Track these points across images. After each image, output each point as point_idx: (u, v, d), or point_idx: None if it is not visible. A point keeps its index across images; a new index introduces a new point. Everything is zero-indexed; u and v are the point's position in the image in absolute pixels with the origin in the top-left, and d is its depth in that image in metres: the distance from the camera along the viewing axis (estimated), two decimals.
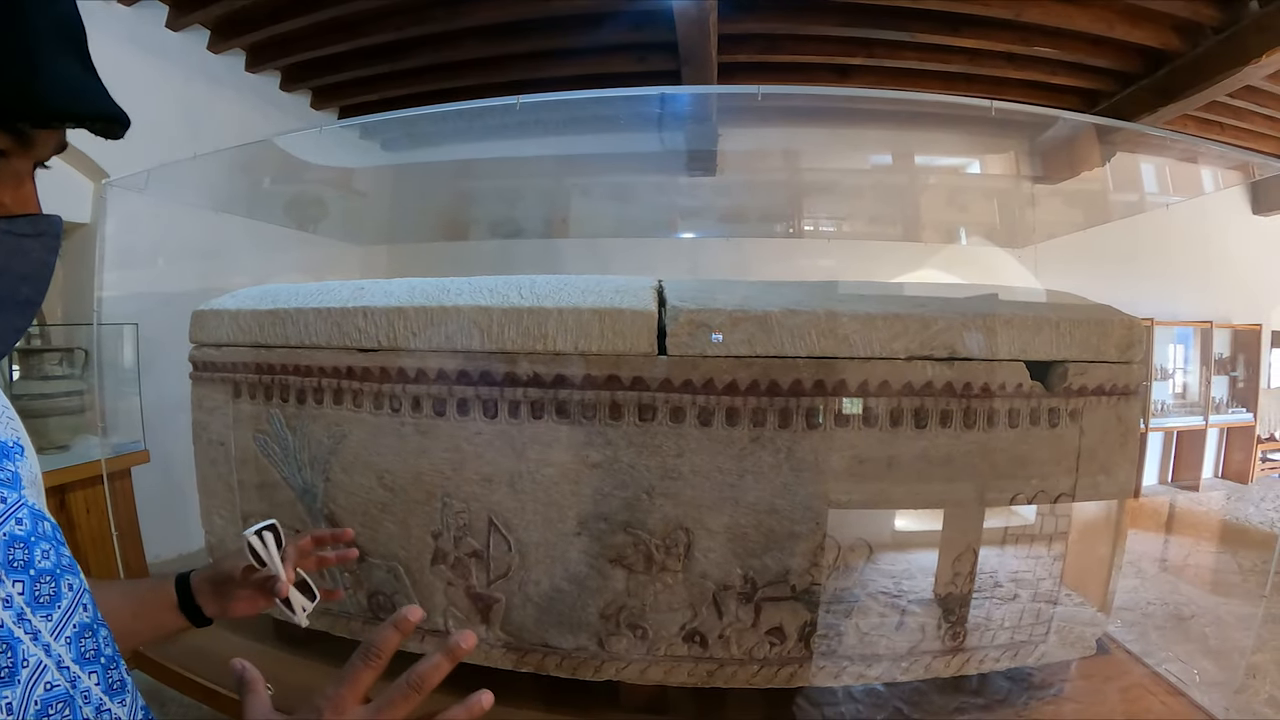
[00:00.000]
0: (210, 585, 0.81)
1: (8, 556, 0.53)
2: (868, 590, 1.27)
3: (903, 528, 1.42)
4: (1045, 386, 1.30)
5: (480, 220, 3.53)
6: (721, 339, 1.27)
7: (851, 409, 1.28)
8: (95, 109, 0.50)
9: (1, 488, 0.56)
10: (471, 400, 1.39)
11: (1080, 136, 2.12)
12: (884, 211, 3.24)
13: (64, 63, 0.49)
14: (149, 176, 2.20)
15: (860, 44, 3.51)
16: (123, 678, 0.59)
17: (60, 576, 0.57)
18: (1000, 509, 1.32)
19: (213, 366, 1.68)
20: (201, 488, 1.74)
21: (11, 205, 0.49)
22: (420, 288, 1.53)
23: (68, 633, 0.55)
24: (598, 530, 1.31)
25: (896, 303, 1.36)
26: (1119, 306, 1.44)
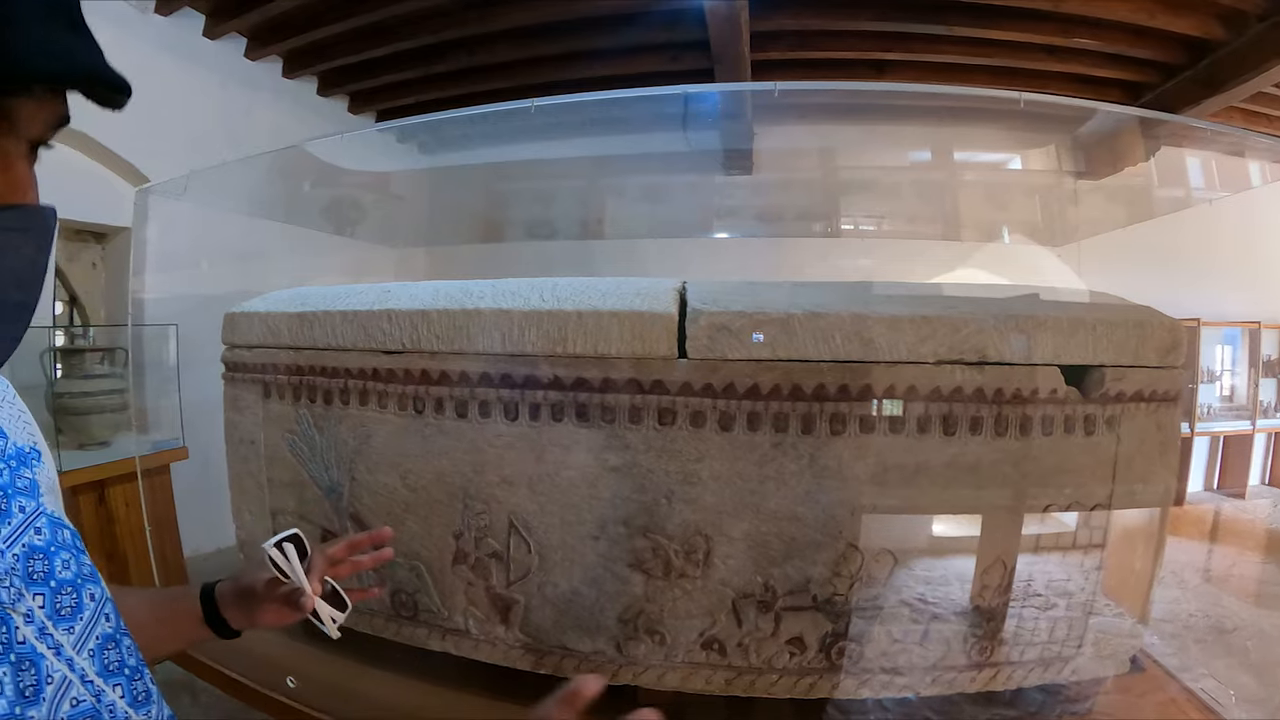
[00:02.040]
0: (235, 597, 0.79)
1: (28, 568, 0.51)
2: (892, 602, 1.23)
3: (930, 538, 1.37)
4: (1081, 392, 1.25)
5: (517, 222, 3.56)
6: (762, 339, 1.25)
7: (877, 414, 1.25)
8: (76, 68, 0.43)
9: (20, 496, 0.54)
10: (493, 402, 1.39)
11: (1123, 131, 2.04)
12: (922, 210, 3.18)
13: (40, 23, 0.42)
14: (188, 181, 2.26)
15: (897, 39, 3.44)
16: (148, 688, 0.58)
17: (81, 587, 0.55)
18: (1033, 519, 1.27)
19: (244, 367, 1.71)
20: (233, 485, 1.78)
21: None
22: (444, 290, 1.54)
23: (91, 645, 0.54)
24: (616, 534, 1.31)
25: (925, 304, 1.32)
26: (1163, 307, 1.38)
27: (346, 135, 2.22)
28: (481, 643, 1.44)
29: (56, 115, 0.46)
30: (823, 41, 3.51)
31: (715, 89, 1.91)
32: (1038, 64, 3.42)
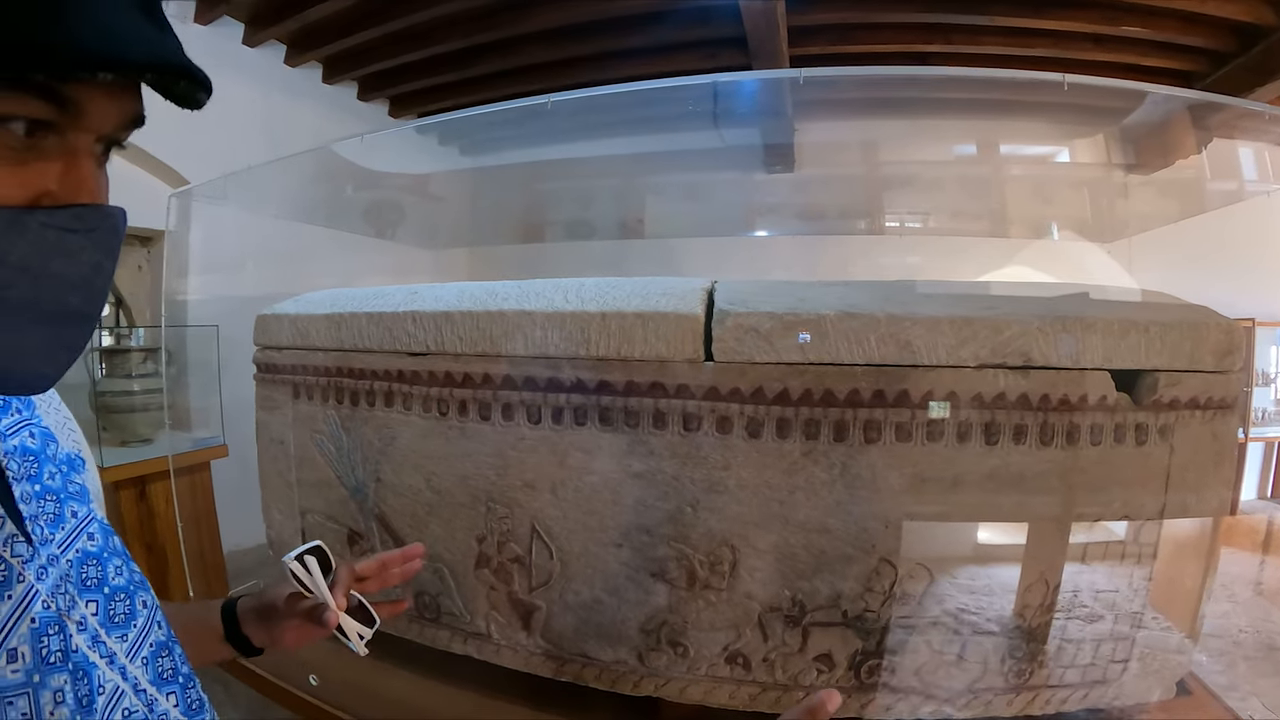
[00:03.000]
0: (256, 614, 0.74)
1: (81, 575, 0.50)
2: (926, 620, 1.17)
3: (968, 554, 1.31)
4: (1132, 399, 1.17)
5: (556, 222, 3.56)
6: (808, 338, 1.20)
7: (914, 421, 1.19)
8: (147, 55, 0.39)
9: (72, 501, 0.53)
10: (516, 405, 1.37)
11: (1173, 121, 1.92)
12: (968, 205, 3.07)
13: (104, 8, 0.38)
14: (226, 185, 2.31)
15: (938, 30, 3.34)
16: (200, 696, 0.57)
17: (134, 594, 0.54)
18: (1079, 534, 1.20)
19: (274, 368, 1.73)
20: (263, 483, 1.81)
21: (59, 192, 0.39)
22: (470, 292, 1.53)
23: (144, 652, 0.53)
24: (640, 542, 1.27)
25: (965, 304, 1.25)
26: (1217, 305, 1.28)
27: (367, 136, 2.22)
28: (503, 648, 1.42)
29: (130, 112, 0.43)
30: (862, 35, 3.43)
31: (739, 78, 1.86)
32: (1084, 54, 3.29)
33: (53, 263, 0.39)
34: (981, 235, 3.04)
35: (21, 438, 0.51)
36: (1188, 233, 2.49)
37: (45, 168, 0.39)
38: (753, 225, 3.43)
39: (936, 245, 3.16)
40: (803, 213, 3.36)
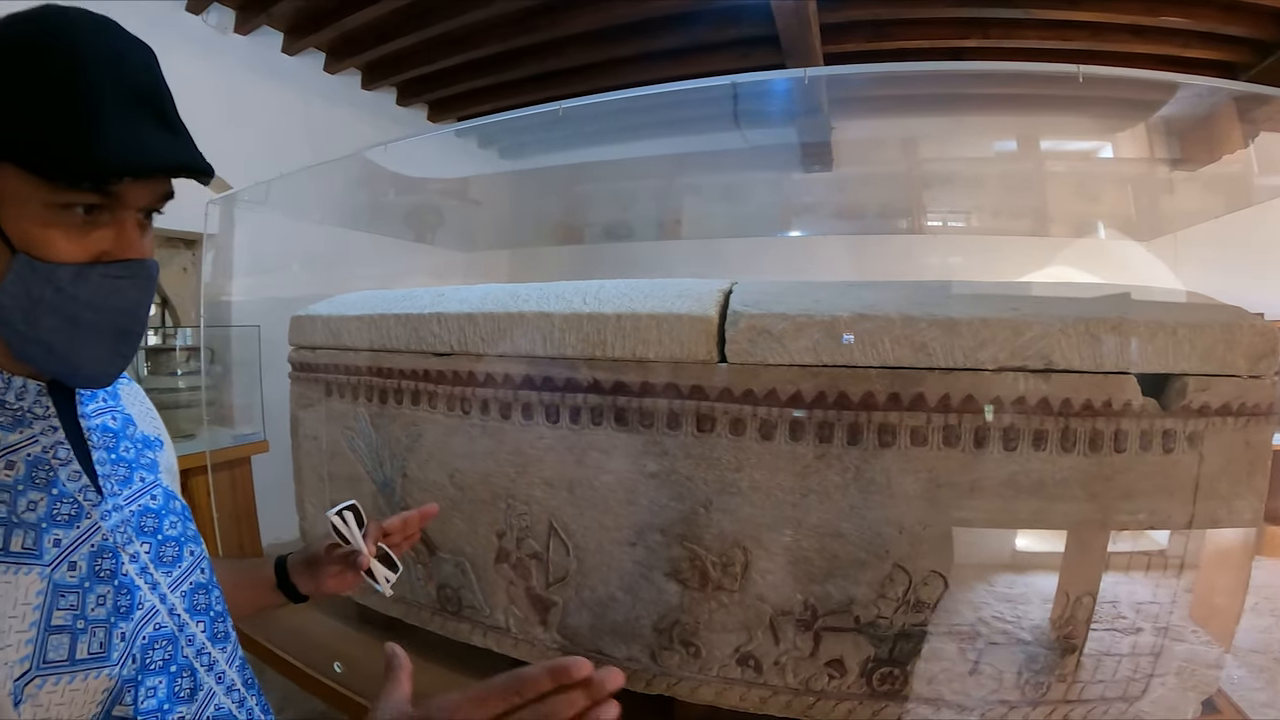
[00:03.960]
0: (303, 565, 0.91)
1: (140, 522, 0.66)
2: (941, 628, 1.15)
3: (984, 562, 1.28)
4: (1160, 404, 1.13)
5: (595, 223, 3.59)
6: (852, 339, 1.19)
7: (929, 425, 1.17)
8: (151, 163, 0.55)
9: (142, 469, 0.71)
10: (535, 405, 1.40)
11: (1219, 115, 1.85)
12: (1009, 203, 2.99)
13: (127, 124, 0.54)
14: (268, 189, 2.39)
15: (973, 25, 3.27)
16: (228, 631, 0.72)
17: (184, 544, 0.71)
18: (1102, 545, 1.17)
19: (308, 367, 1.79)
20: (297, 478, 1.87)
21: (114, 251, 0.57)
22: (493, 294, 1.56)
23: (184, 588, 0.68)
24: (653, 542, 1.29)
25: (985, 306, 1.22)
26: (1263, 305, 1.23)
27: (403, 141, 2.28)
28: (521, 641, 1.45)
29: (160, 191, 0.59)
30: (896, 31, 3.37)
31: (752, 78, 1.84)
32: (1123, 45, 3.18)
33: (109, 299, 0.57)
34: (1023, 234, 2.96)
35: (104, 419, 0.69)
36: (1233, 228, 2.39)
37: (102, 235, 0.56)
38: (791, 225, 3.40)
39: (978, 245, 3.09)
40: (841, 212, 3.31)
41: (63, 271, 0.55)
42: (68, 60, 0.53)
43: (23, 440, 0.59)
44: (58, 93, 0.53)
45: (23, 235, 0.54)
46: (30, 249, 0.54)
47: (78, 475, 0.62)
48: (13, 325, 0.55)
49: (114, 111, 0.54)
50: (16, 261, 0.54)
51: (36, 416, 0.61)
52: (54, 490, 0.59)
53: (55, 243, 0.55)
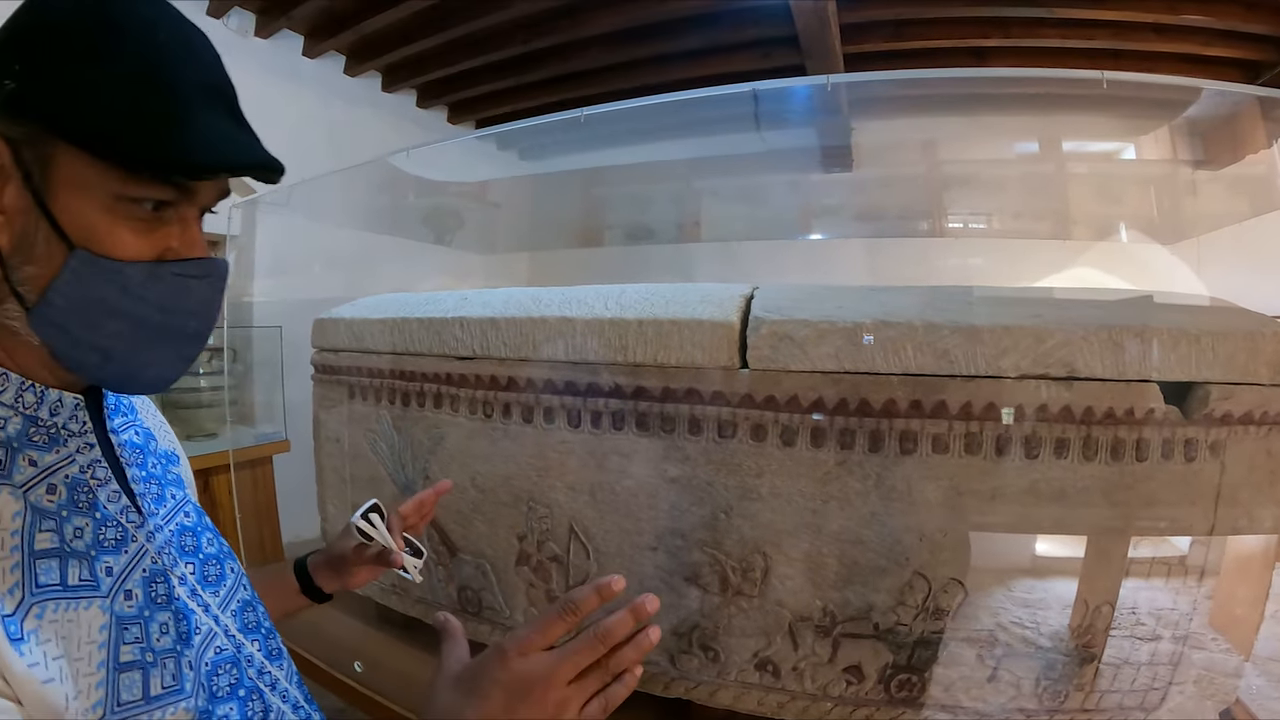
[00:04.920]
0: (327, 566, 0.91)
1: (180, 543, 0.63)
2: (959, 636, 1.15)
3: (1004, 570, 1.28)
4: (1182, 413, 1.12)
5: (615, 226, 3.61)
6: (872, 340, 1.20)
7: (950, 433, 1.17)
8: (242, 160, 0.52)
9: (171, 486, 0.68)
10: (557, 409, 1.42)
11: (1242, 114, 1.83)
12: (1030, 205, 2.97)
13: (210, 118, 0.51)
14: (290, 193, 2.42)
15: (995, 24, 3.25)
16: (280, 647, 0.70)
17: (224, 560, 0.68)
18: (1122, 553, 1.16)
19: (331, 370, 1.82)
20: (319, 478, 1.90)
21: (180, 248, 0.53)
22: (515, 298, 1.57)
23: (233, 606, 0.66)
24: (673, 546, 1.30)
25: (1007, 313, 1.22)
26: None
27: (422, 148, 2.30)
28: None
29: (223, 189, 0.57)
30: (917, 30, 3.35)
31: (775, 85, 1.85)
32: (1145, 44, 3.15)
33: (180, 300, 0.54)
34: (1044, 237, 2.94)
35: (129, 435, 0.66)
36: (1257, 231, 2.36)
37: (167, 232, 0.53)
38: (810, 227, 3.40)
39: (999, 248, 3.07)
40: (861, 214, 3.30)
41: (131, 270, 0.50)
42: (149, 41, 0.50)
43: (60, 461, 0.54)
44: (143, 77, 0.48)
45: (83, 229, 0.49)
46: (92, 244, 0.49)
47: (117, 495, 0.57)
48: (66, 329, 0.50)
49: (199, 102, 0.51)
50: (75, 258, 0.49)
51: (72, 433, 0.56)
52: (97, 514, 0.55)
53: (122, 238, 0.50)
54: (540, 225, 3.56)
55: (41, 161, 0.48)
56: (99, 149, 0.48)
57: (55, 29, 0.49)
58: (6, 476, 0.50)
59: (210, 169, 0.51)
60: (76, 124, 0.47)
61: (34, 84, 0.47)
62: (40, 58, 0.48)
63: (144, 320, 0.52)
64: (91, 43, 0.48)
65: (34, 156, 0.48)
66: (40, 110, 0.47)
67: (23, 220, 0.49)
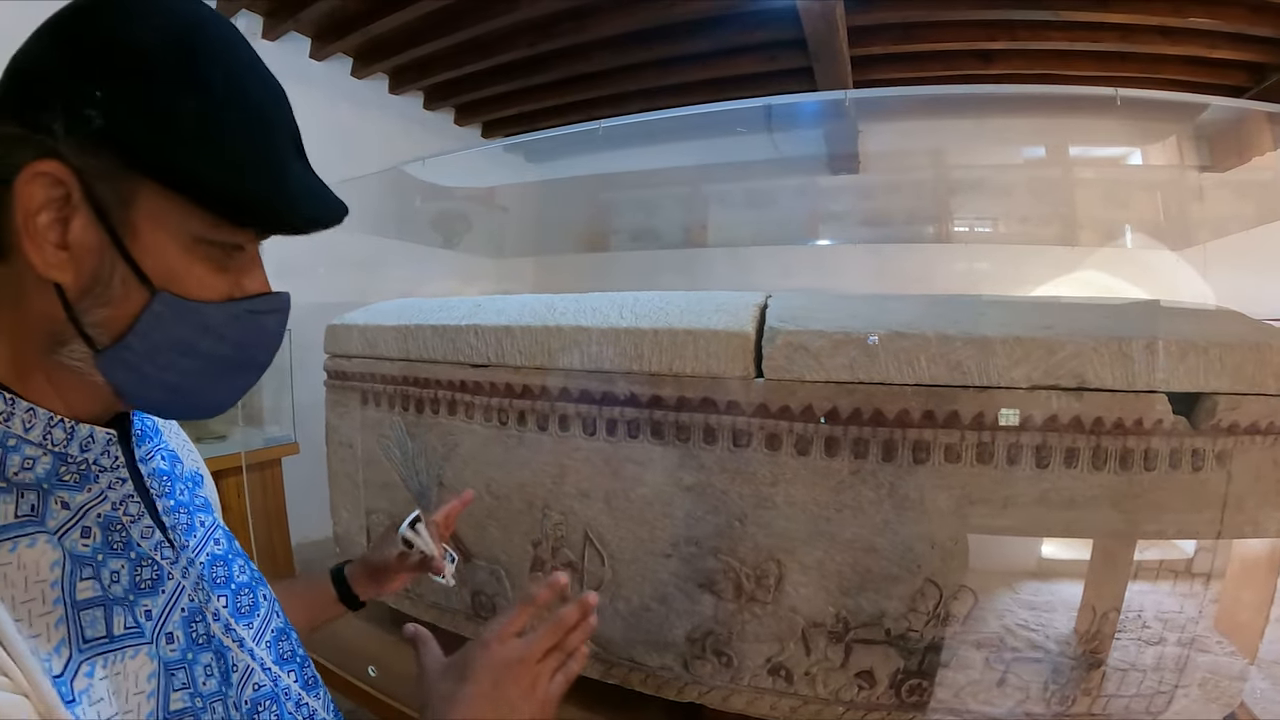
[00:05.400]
0: (366, 574, 0.93)
1: (212, 574, 0.61)
2: (969, 642, 1.17)
3: (1014, 578, 1.30)
4: (1190, 423, 1.14)
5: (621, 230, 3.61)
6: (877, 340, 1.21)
7: (963, 443, 1.19)
8: (336, 214, 0.53)
9: (199, 512, 0.65)
10: (572, 417, 1.43)
11: (1248, 118, 1.84)
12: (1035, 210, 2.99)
13: (297, 166, 0.51)
14: None
15: (1001, 26, 3.25)
16: (314, 675, 0.68)
17: (256, 588, 0.66)
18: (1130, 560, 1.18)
19: (344, 375, 1.84)
20: (332, 483, 1.92)
21: (249, 285, 0.53)
22: (530, 306, 1.59)
23: (267, 637, 0.64)
24: (688, 553, 1.31)
25: (1018, 323, 1.24)
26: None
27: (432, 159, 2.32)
28: None
29: None
30: (924, 33, 3.35)
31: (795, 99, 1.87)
32: (1151, 47, 3.15)
33: (253, 336, 0.54)
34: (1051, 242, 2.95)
35: (156, 462, 0.62)
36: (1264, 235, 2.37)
37: (237, 270, 0.52)
38: (818, 232, 3.41)
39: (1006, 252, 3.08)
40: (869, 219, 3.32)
41: (213, 311, 0.50)
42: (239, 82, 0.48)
43: (91, 499, 0.50)
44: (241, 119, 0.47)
45: (166, 271, 0.47)
46: (172, 285, 0.47)
47: (150, 531, 0.54)
48: (139, 370, 0.48)
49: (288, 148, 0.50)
50: (159, 301, 0.47)
51: (103, 469, 0.52)
52: (131, 553, 0.52)
53: (202, 279, 0.49)
54: (547, 229, 3.57)
55: (121, 199, 0.45)
56: (200, 195, 0.46)
57: (138, 52, 0.44)
58: (40, 523, 0.46)
59: (310, 224, 0.51)
60: (173, 165, 0.45)
61: (119, 116, 0.44)
62: (127, 87, 0.44)
63: (217, 357, 0.51)
64: (181, 75, 0.45)
65: (111, 192, 0.45)
66: (126, 144, 0.44)
67: (94, 260, 0.46)
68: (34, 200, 0.44)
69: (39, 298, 0.46)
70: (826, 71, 3.37)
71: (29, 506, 0.46)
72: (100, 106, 0.43)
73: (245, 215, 0.48)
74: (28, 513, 0.45)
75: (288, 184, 0.49)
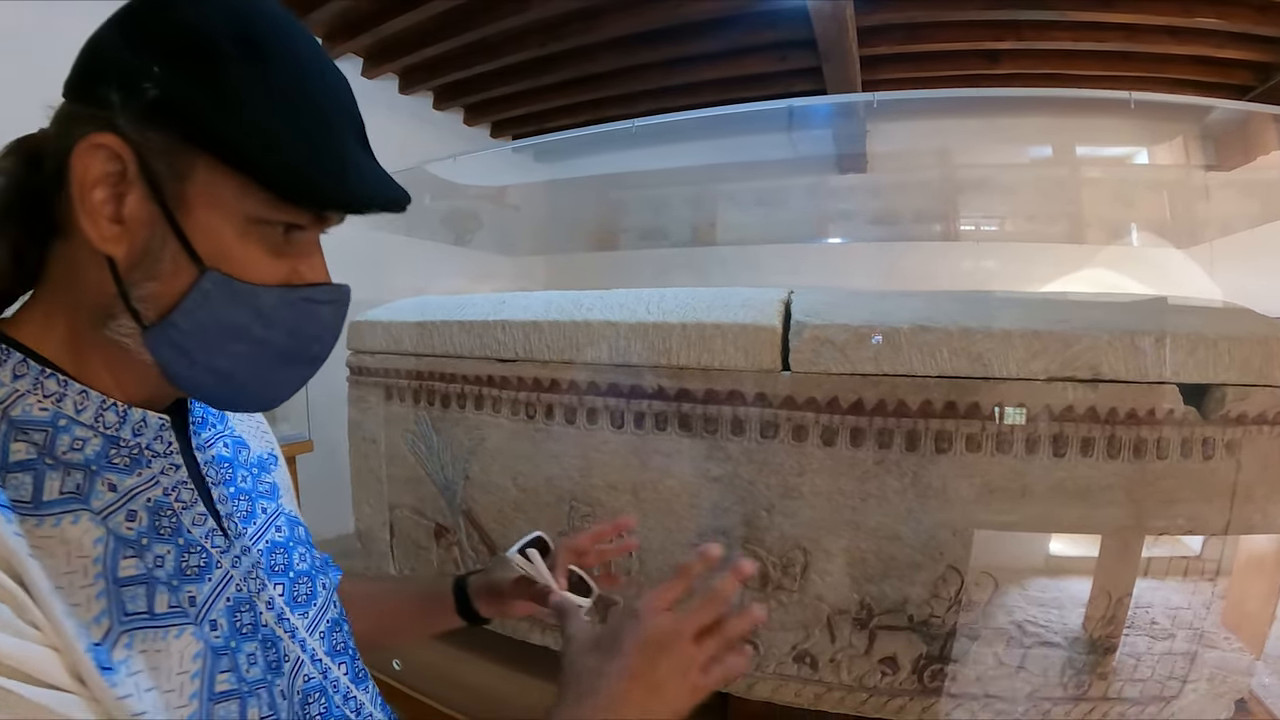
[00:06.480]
0: (485, 592, 0.83)
1: (270, 562, 0.60)
2: (990, 627, 1.21)
3: (1032, 563, 1.34)
4: (1200, 413, 1.18)
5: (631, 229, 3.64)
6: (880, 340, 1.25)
7: (984, 433, 1.23)
8: (394, 196, 0.52)
9: (262, 499, 0.65)
10: (600, 411, 1.47)
11: (1254, 117, 1.88)
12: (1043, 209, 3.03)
13: (358, 152, 0.50)
14: None
15: (1008, 26, 3.29)
16: (364, 668, 0.67)
17: (315, 577, 0.65)
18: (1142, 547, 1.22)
19: (367, 371, 1.87)
20: (354, 479, 1.94)
21: (306, 273, 0.52)
22: (556, 302, 1.62)
23: (321, 627, 0.63)
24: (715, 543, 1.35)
25: (1037, 318, 1.28)
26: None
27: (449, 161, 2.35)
28: None
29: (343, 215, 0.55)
30: (932, 33, 3.39)
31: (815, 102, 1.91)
32: (1158, 46, 3.19)
33: (308, 325, 0.53)
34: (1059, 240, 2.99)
35: (217, 449, 0.62)
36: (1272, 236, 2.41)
37: (295, 254, 0.52)
38: (827, 230, 3.44)
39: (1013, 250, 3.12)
40: (877, 218, 3.35)
41: (265, 295, 0.49)
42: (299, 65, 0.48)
43: (142, 484, 0.50)
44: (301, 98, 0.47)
45: (218, 249, 0.47)
46: (224, 265, 0.47)
47: (203, 519, 0.54)
48: (186, 351, 0.48)
49: (348, 130, 0.50)
50: (207, 279, 0.46)
51: (156, 454, 0.52)
52: (180, 540, 0.51)
53: (256, 261, 0.48)
54: (558, 227, 3.60)
55: (176, 174, 0.45)
56: (257, 171, 0.45)
57: (201, 31, 0.45)
58: (84, 502, 0.46)
59: (367, 205, 0.50)
60: (232, 140, 0.44)
61: (179, 90, 0.44)
62: (187, 62, 0.44)
63: (270, 344, 0.50)
64: (240, 53, 0.45)
65: (167, 167, 0.45)
66: (185, 119, 0.44)
67: (146, 234, 0.46)
68: (90, 172, 0.44)
69: (94, 272, 0.47)
70: (836, 71, 3.41)
71: (74, 485, 0.46)
72: (158, 80, 0.44)
73: (301, 191, 0.47)
74: (73, 491, 0.46)
75: (346, 164, 0.49)
